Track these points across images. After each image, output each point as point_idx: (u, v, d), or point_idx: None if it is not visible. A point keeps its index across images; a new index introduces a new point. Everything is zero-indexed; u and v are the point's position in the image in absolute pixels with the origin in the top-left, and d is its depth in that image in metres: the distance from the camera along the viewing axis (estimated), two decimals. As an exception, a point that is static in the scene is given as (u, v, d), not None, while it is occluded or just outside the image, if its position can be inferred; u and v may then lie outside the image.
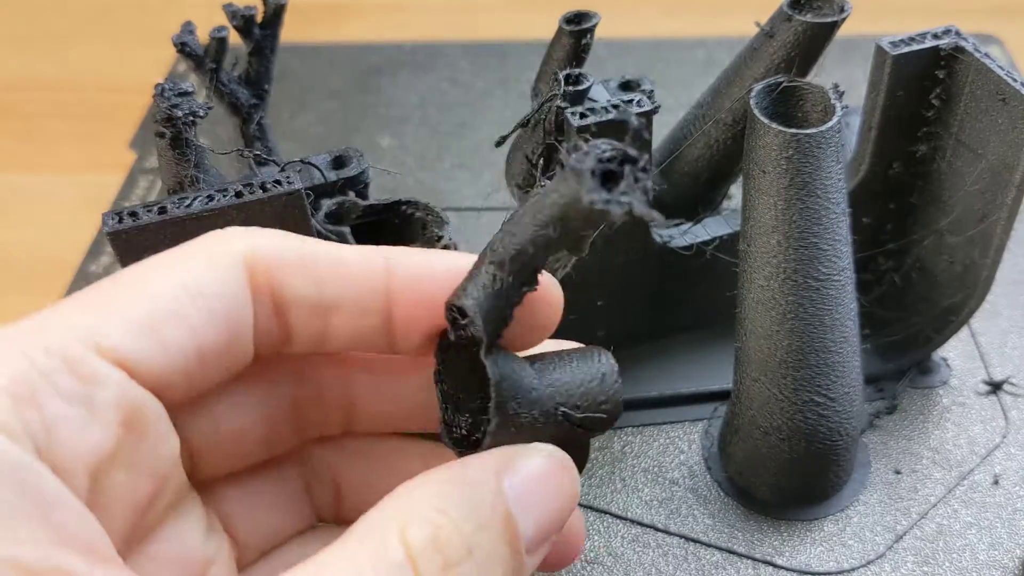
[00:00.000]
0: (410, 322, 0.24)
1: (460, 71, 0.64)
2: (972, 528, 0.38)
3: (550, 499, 0.22)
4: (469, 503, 0.21)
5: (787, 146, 0.32)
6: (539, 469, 0.22)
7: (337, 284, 0.23)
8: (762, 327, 0.35)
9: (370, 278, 0.24)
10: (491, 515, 0.21)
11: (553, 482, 0.23)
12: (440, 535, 0.20)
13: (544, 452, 0.23)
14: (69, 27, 0.73)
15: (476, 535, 0.21)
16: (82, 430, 0.20)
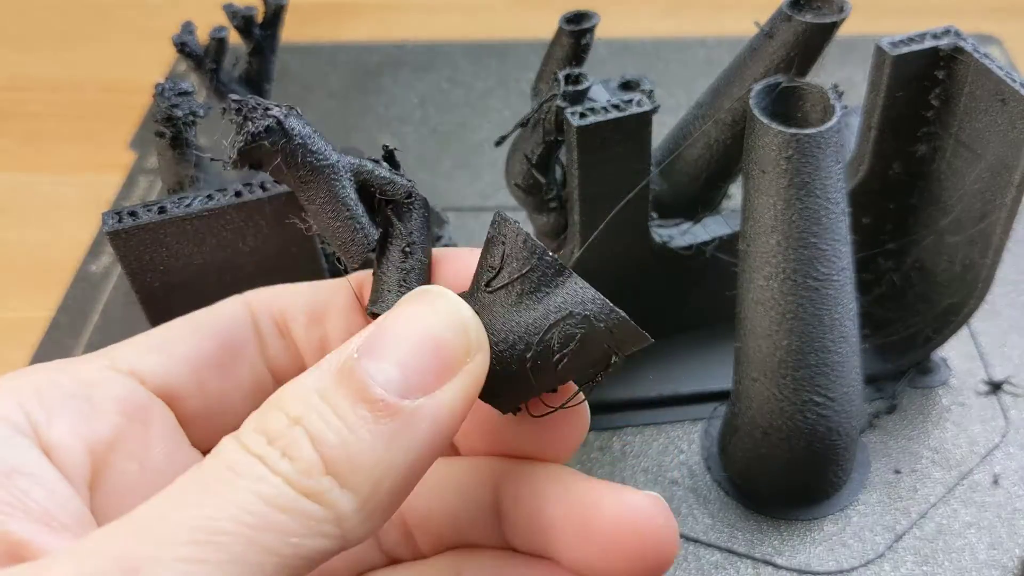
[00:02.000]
0: None
1: (460, 71, 0.64)
2: (972, 528, 0.38)
3: (412, 329, 0.20)
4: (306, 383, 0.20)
5: (787, 146, 0.32)
6: (402, 307, 0.21)
7: (325, 288, 0.25)
8: (762, 327, 0.35)
9: (347, 285, 0.25)
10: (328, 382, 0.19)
11: (414, 313, 0.20)
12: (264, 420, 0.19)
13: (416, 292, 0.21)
14: (69, 27, 0.73)
15: (306, 406, 0.19)
16: (81, 416, 0.22)
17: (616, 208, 0.37)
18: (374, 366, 0.19)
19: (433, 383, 0.20)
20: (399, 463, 0.19)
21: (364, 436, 0.19)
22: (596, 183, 0.36)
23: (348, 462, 0.19)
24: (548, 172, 0.38)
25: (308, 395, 0.19)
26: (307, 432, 0.19)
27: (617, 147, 0.35)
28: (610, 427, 0.42)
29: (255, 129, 0.22)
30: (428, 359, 0.20)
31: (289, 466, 0.18)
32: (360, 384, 0.19)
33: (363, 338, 0.20)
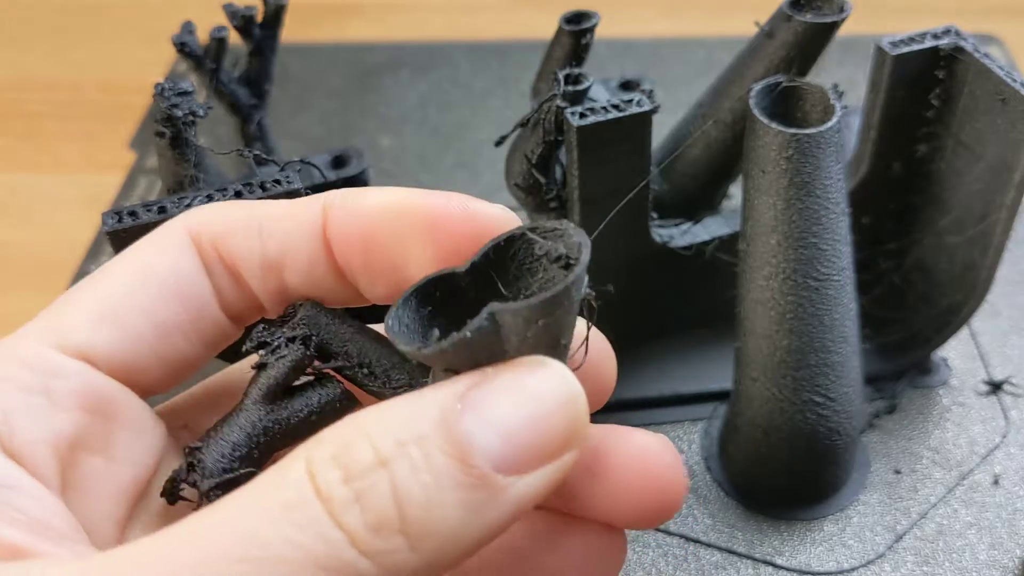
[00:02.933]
0: (354, 265, 0.23)
1: (460, 71, 0.64)
2: (972, 528, 0.38)
3: (525, 408, 0.19)
4: (399, 415, 0.18)
5: (787, 146, 0.32)
6: (516, 378, 0.19)
7: (279, 237, 0.23)
8: (761, 327, 0.35)
9: (309, 226, 0.23)
10: (429, 429, 0.18)
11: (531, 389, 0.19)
12: (345, 452, 0.18)
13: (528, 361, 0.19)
14: (69, 27, 0.73)
15: (397, 450, 0.17)
16: (41, 416, 0.20)
17: (616, 208, 0.37)
18: (479, 429, 0.18)
19: (530, 466, 0.19)
20: (471, 537, 0.18)
21: (449, 501, 0.17)
22: (596, 183, 0.36)
23: (425, 525, 0.17)
24: (548, 172, 0.38)
25: (404, 436, 0.18)
26: (392, 481, 0.17)
27: (617, 147, 0.35)
28: (610, 427, 0.42)
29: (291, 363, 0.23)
30: (534, 440, 0.19)
31: (358, 519, 0.17)
32: (462, 445, 0.18)
33: (468, 386, 0.18)
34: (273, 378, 0.23)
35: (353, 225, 0.23)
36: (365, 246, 0.23)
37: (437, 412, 0.18)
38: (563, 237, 0.20)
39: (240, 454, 0.22)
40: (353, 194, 0.23)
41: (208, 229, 0.23)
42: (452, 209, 0.22)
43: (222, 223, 0.23)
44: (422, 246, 0.22)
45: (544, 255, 0.20)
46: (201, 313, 0.23)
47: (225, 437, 0.22)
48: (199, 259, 0.23)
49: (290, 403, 0.23)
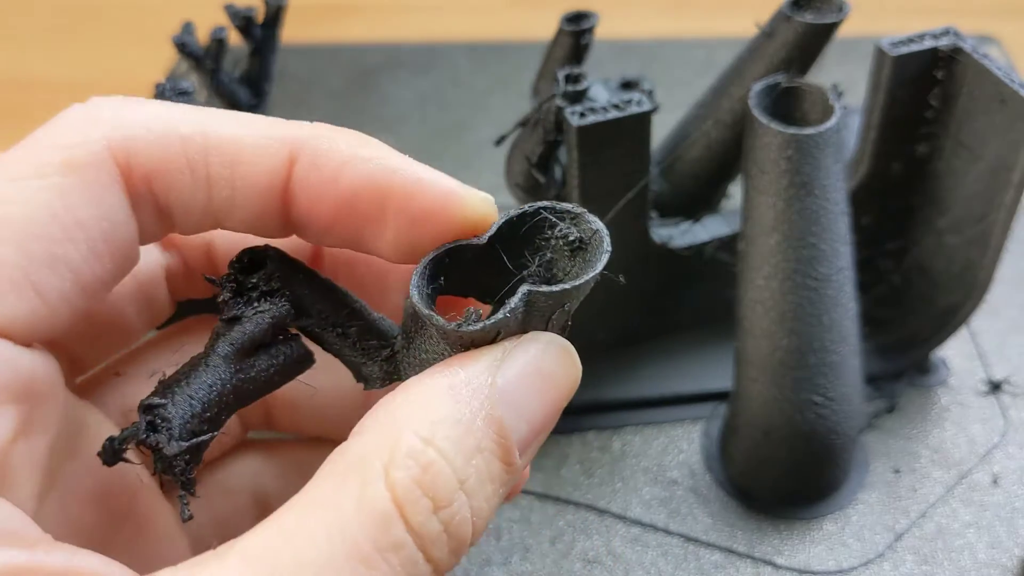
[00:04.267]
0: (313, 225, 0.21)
1: (460, 71, 0.64)
2: (971, 527, 0.38)
3: (545, 392, 0.20)
4: (459, 422, 0.19)
5: (786, 146, 0.32)
6: (533, 360, 0.20)
7: (229, 185, 0.20)
8: (761, 327, 0.35)
9: (268, 178, 0.20)
10: (483, 433, 0.19)
11: (550, 370, 0.20)
12: (428, 475, 0.18)
13: (542, 340, 0.20)
14: (69, 27, 0.73)
15: (467, 466, 0.19)
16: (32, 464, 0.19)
17: (616, 208, 0.37)
18: (514, 423, 0.19)
19: (539, 442, 0.20)
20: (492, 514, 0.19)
21: (495, 499, 0.19)
22: (596, 183, 0.36)
23: (480, 530, 0.19)
24: (548, 172, 0.38)
25: (469, 445, 0.19)
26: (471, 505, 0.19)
27: (617, 147, 0.35)
28: (610, 427, 0.42)
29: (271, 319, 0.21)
30: (550, 422, 0.20)
31: (445, 550, 0.18)
32: (507, 445, 0.19)
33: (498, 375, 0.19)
34: (248, 334, 0.21)
35: (327, 192, 0.21)
36: (335, 214, 0.21)
37: (484, 411, 0.19)
38: (577, 221, 0.21)
39: (210, 415, 0.20)
40: (325, 149, 0.21)
41: (141, 159, 0.20)
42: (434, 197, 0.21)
43: (160, 155, 0.20)
44: (396, 226, 0.21)
45: (559, 236, 0.21)
46: (124, 261, 0.20)
47: (194, 395, 0.20)
48: (127, 197, 0.20)
49: (256, 361, 0.21)
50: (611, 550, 0.38)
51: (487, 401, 0.19)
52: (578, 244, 0.21)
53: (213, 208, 0.21)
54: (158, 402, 0.19)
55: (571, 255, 0.21)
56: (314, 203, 0.21)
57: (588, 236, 0.21)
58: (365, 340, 0.22)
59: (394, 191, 0.20)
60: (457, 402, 0.19)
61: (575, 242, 0.21)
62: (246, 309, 0.21)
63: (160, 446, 0.19)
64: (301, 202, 0.21)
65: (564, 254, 0.21)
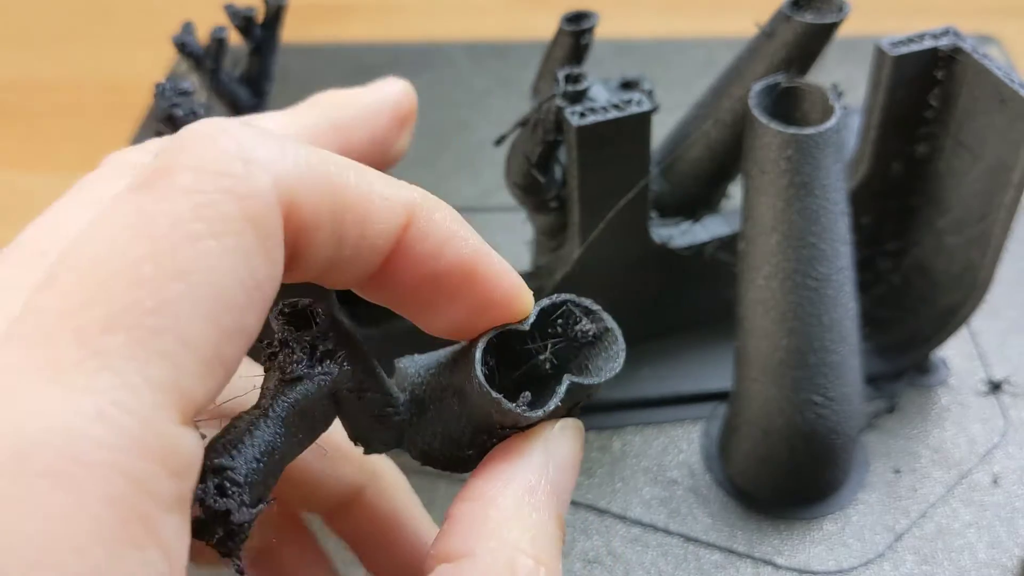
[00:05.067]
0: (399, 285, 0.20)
1: (460, 71, 0.64)
2: (971, 527, 0.38)
3: (575, 474, 0.22)
4: (545, 531, 0.20)
5: (786, 146, 0.33)
6: (571, 450, 0.22)
7: (356, 244, 0.19)
8: (761, 327, 0.35)
9: (386, 237, 0.19)
10: (558, 533, 0.21)
11: (578, 456, 0.22)
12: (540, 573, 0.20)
13: (571, 427, 0.22)
14: (69, 27, 0.73)
15: (555, 563, 0.20)
16: (182, 545, 0.16)
17: (616, 208, 0.37)
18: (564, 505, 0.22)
19: None
20: None
21: None
22: (596, 183, 0.36)
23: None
24: (548, 172, 0.38)
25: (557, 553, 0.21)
26: None
27: (617, 147, 0.35)
28: (610, 427, 0.42)
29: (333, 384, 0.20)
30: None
31: None
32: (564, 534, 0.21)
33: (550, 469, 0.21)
34: (312, 397, 0.20)
35: (426, 264, 0.20)
36: (422, 285, 0.20)
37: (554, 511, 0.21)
38: (593, 317, 0.23)
39: (270, 480, 0.19)
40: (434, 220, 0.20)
41: (300, 213, 0.18)
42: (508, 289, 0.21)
43: (313, 209, 0.18)
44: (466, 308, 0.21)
45: (580, 330, 0.22)
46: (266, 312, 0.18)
47: (259, 456, 0.18)
48: (286, 252, 0.18)
49: (302, 424, 0.20)
50: (611, 550, 0.38)
51: (553, 500, 0.21)
52: (590, 339, 0.22)
53: (331, 264, 0.19)
54: (228, 463, 0.17)
55: (579, 348, 0.23)
56: (407, 271, 0.20)
57: (601, 332, 0.23)
58: (380, 407, 0.22)
59: (481, 277, 0.21)
60: (540, 510, 0.21)
61: (590, 337, 0.22)
62: (310, 370, 0.20)
63: (231, 513, 0.17)
64: (395, 267, 0.20)
65: (574, 344, 0.23)
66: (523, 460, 0.21)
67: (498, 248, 0.22)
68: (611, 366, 0.22)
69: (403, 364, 0.23)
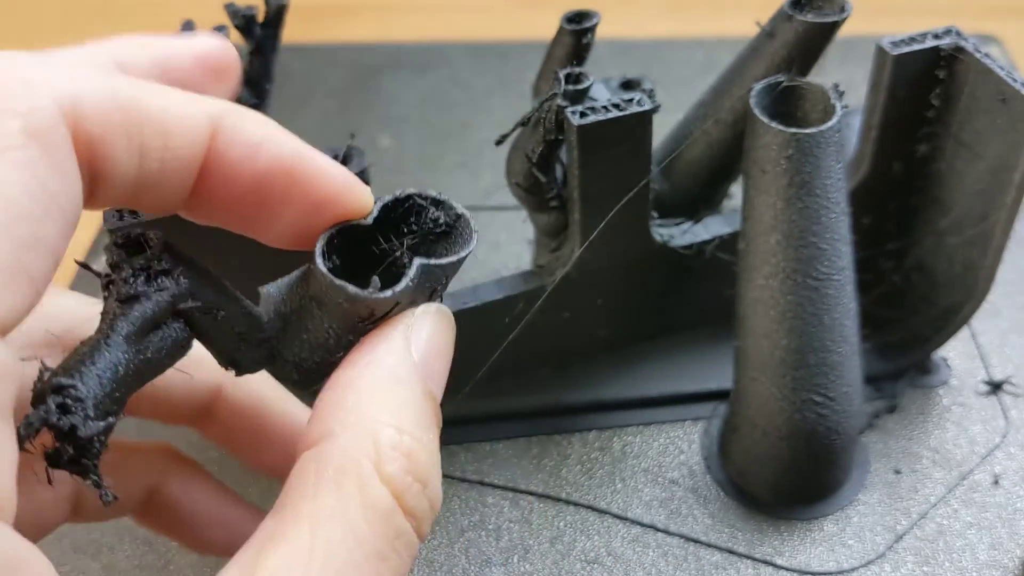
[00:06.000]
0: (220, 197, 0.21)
1: (460, 71, 0.64)
2: (972, 528, 0.38)
3: (446, 356, 0.22)
4: (412, 404, 0.21)
5: (787, 145, 0.32)
6: (435, 331, 0.22)
7: (161, 157, 0.19)
8: (761, 326, 0.35)
9: (192, 149, 0.20)
10: (428, 406, 0.21)
11: (445, 337, 0.22)
12: (412, 461, 0.20)
13: (433, 310, 0.22)
14: (69, 27, 0.73)
15: (426, 435, 0.21)
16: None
17: (616, 207, 0.37)
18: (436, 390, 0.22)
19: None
20: None
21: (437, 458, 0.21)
22: (596, 182, 0.36)
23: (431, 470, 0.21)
24: (548, 171, 0.38)
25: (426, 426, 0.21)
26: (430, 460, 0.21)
27: (617, 146, 0.35)
28: (610, 427, 0.42)
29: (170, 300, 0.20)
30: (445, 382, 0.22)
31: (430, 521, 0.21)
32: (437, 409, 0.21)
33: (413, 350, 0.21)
34: (150, 313, 0.20)
35: (242, 170, 0.20)
36: (243, 192, 0.21)
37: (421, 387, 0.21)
38: (444, 207, 0.23)
39: (118, 395, 0.19)
40: (242, 127, 0.20)
41: (87, 124, 0.18)
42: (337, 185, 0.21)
43: (103, 120, 0.19)
44: (297, 210, 0.21)
45: (431, 220, 0.23)
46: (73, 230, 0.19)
47: (102, 374, 0.19)
48: (78, 163, 0.18)
49: (150, 342, 0.20)
50: (611, 550, 0.38)
51: (419, 378, 0.21)
52: (445, 228, 0.23)
53: (140, 180, 0.19)
54: (68, 382, 0.18)
55: (435, 239, 0.23)
56: (225, 180, 0.20)
57: (454, 220, 0.23)
58: (241, 326, 0.22)
59: (303, 176, 0.21)
60: (404, 385, 0.21)
61: (443, 226, 0.23)
62: (145, 288, 0.20)
63: (76, 428, 0.18)
64: (213, 179, 0.20)
65: (429, 238, 0.23)
66: (382, 343, 0.21)
67: (499, 247, 0.22)
68: (465, 248, 0.22)
69: (266, 289, 0.23)
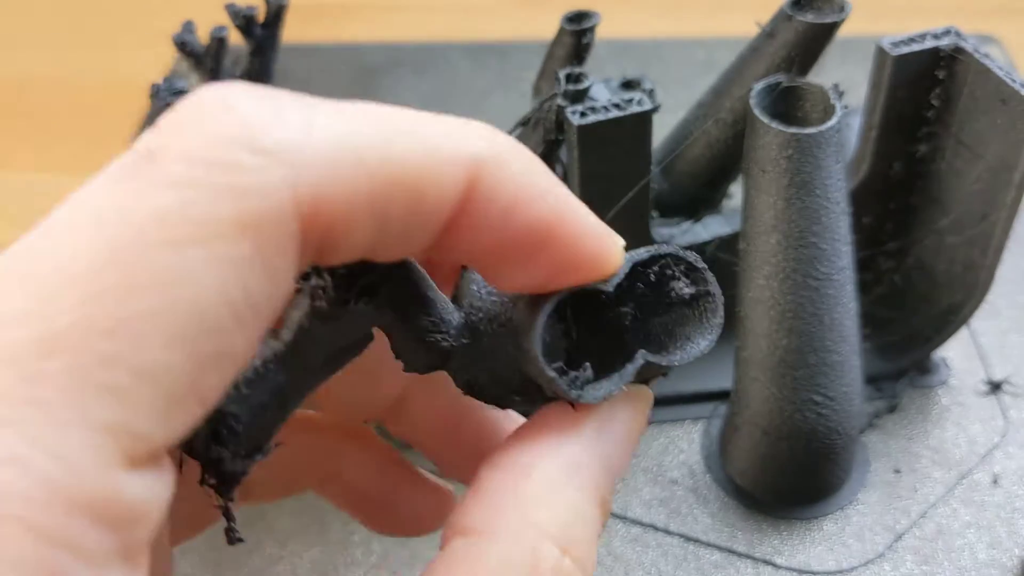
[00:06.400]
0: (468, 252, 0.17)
1: (460, 71, 0.64)
2: (971, 528, 0.38)
3: (633, 448, 0.19)
4: (583, 518, 0.18)
5: (787, 145, 0.32)
6: (632, 425, 0.19)
7: (405, 221, 0.16)
8: (761, 326, 0.35)
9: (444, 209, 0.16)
10: (598, 519, 0.18)
11: (639, 428, 0.19)
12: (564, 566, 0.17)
13: (638, 398, 0.20)
14: (69, 27, 0.73)
15: (589, 554, 0.18)
16: None
17: (616, 207, 0.37)
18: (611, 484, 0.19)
19: None
20: None
21: None
22: (596, 182, 0.36)
23: None
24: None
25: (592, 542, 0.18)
26: None
27: (617, 146, 0.35)
28: (610, 427, 0.42)
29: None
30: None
31: None
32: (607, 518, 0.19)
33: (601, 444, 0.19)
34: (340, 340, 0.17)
35: (494, 229, 0.17)
36: (493, 250, 0.17)
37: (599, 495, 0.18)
38: (696, 277, 0.20)
39: (277, 423, 0.17)
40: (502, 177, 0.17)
41: (326, 214, 0.15)
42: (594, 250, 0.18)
43: (347, 204, 0.15)
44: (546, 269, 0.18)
45: (671, 284, 0.19)
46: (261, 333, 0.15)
47: (266, 400, 0.17)
48: (298, 260, 0.15)
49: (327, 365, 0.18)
50: (611, 550, 0.38)
51: (599, 481, 0.18)
52: (686, 300, 0.20)
53: (378, 244, 0.16)
54: (230, 410, 0.16)
55: (669, 305, 0.20)
56: (475, 235, 0.17)
57: (699, 295, 0.19)
58: (427, 335, 0.19)
59: (561, 236, 0.17)
60: (581, 490, 0.18)
61: (686, 297, 0.19)
62: (342, 308, 0.17)
63: (222, 462, 0.16)
64: (460, 236, 0.17)
65: (664, 302, 0.20)
66: (572, 431, 0.18)
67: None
68: (701, 342, 0.19)
69: (468, 277, 0.20)
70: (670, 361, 0.19)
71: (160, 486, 0.14)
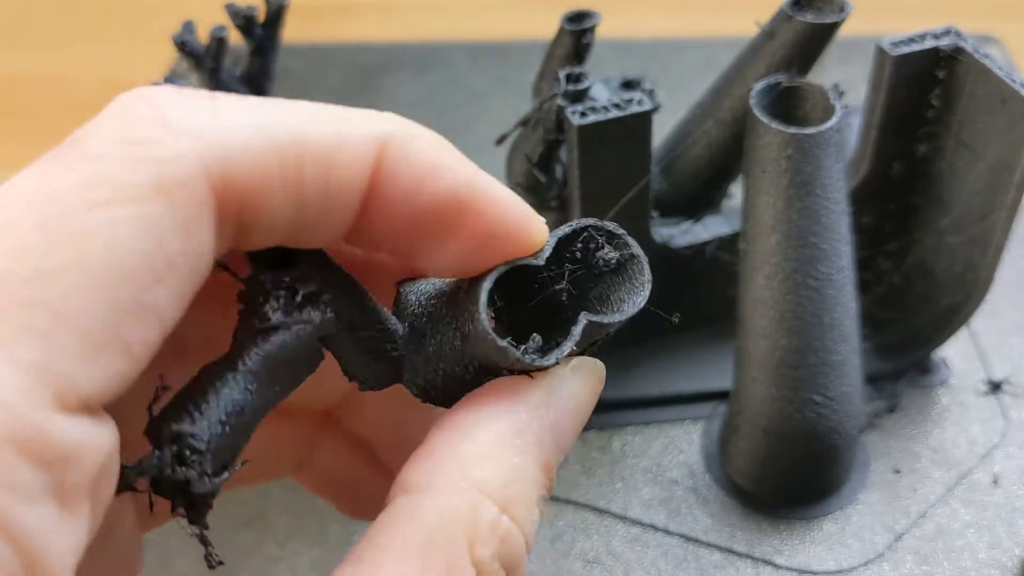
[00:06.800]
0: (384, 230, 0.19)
1: (460, 71, 0.64)
2: (971, 528, 0.38)
3: (582, 417, 0.20)
4: (525, 478, 0.18)
5: (787, 145, 0.32)
6: (581, 392, 0.20)
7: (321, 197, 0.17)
8: (761, 326, 0.35)
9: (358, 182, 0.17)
10: (540, 482, 0.19)
11: (589, 397, 0.20)
12: (505, 547, 0.18)
13: (585, 367, 0.20)
14: (69, 26, 0.73)
15: (529, 516, 0.18)
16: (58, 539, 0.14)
17: (616, 207, 0.37)
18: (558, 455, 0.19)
19: None
20: None
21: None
22: (596, 182, 0.36)
23: None
24: (549, 171, 0.38)
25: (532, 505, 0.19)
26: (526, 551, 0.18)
27: (618, 146, 0.35)
28: (610, 427, 0.42)
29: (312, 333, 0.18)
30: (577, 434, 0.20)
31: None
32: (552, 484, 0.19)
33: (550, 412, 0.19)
34: (288, 349, 0.18)
35: (407, 201, 0.18)
36: (407, 224, 0.18)
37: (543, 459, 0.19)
38: (618, 243, 0.21)
39: (240, 440, 0.17)
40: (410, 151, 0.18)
41: (238, 181, 0.16)
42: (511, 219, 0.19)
43: (258, 175, 0.16)
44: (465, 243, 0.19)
45: (598, 254, 0.20)
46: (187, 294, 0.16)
47: (225, 419, 0.17)
48: (215, 224, 0.16)
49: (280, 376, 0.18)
50: (611, 550, 0.38)
51: (542, 448, 0.19)
52: (614, 267, 0.20)
53: (298, 224, 0.17)
54: (188, 429, 0.16)
55: (600, 275, 0.20)
56: (388, 213, 0.18)
57: (626, 259, 0.21)
58: (376, 345, 0.20)
59: (474, 208, 0.18)
60: (523, 453, 0.18)
61: (613, 263, 0.20)
62: (287, 319, 0.17)
63: (190, 484, 0.16)
64: (375, 211, 0.18)
65: (594, 272, 0.20)
66: (519, 397, 0.19)
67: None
68: (635, 299, 0.20)
69: (405, 290, 0.20)
70: (611, 319, 0.19)
71: (96, 436, 0.15)
